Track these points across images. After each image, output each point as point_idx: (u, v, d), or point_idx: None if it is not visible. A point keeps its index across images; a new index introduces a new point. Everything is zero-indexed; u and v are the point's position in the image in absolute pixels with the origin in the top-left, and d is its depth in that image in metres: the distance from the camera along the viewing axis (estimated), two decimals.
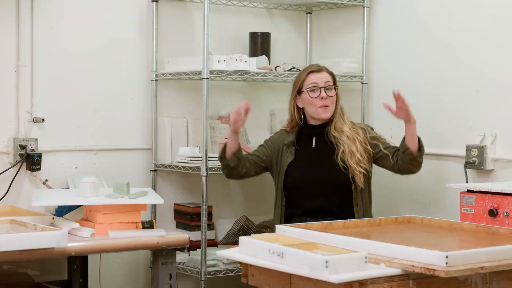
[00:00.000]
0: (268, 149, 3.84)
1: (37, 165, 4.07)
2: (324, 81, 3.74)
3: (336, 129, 3.72)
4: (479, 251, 2.46)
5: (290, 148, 3.75)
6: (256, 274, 2.69)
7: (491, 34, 4.03)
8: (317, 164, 3.70)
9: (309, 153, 3.75)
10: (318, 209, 3.65)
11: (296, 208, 3.72)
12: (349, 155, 3.65)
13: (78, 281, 3.76)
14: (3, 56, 4.10)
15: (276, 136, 3.88)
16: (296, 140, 3.78)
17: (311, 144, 3.76)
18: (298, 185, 3.71)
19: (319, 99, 3.70)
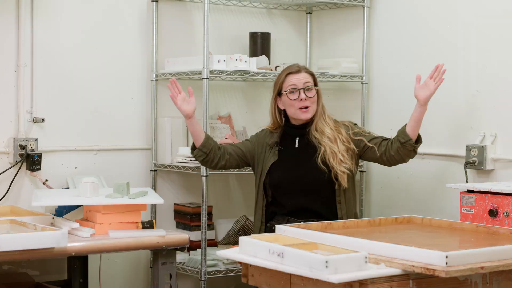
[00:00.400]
0: (252, 145, 3.82)
1: (37, 165, 4.08)
2: (303, 82, 3.70)
3: (317, 129, 3.70)
4: (479, 251, 2.46)
5: (273, 148, 3.74)
6: (256, 274, 2.69)
7: (491, 34, 4.03)
8: (300, 164, 3.69)
9: (292, 153, 3.73)
10: (301, 208, 3.64)
11: (279, 207, 3.70)
12: (331, 155, 3.62)
13: (78, 281, 3.76)
14: (3, 56, 4.10)
15: (261, 134, 3.85)
16: (280, 140, 3.77)
17: (294, 144, 3.74)
18: (280, 185, 3.69)
19: (298, 100, 3.67)
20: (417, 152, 3.72)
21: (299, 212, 3.64)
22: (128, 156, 4.47)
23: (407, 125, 3.67)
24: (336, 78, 4.59)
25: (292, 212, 3.64)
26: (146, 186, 4.40)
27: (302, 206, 3.64)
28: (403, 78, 4.47)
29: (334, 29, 4.90)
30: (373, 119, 4.65)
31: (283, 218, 3.63)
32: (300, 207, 3.64)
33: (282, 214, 3.67)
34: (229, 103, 4.75)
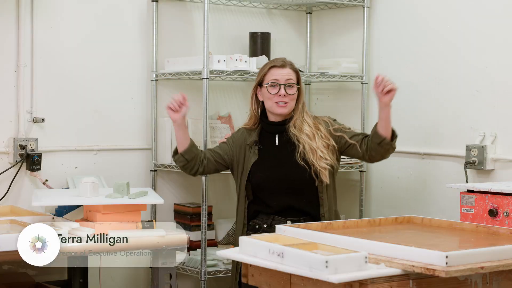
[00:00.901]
0: (229, 147, 3.75)
1: (37, 165, 4.08)
2: (286, 78, 3.63)
3: (296, 126, 3.64)
4: (479, 251, 2.46)
5: (253, 148, 3.67)
6: (256, 274, 2.69)
7: (491, 34, 4.03)
8: (281, 162, 3.63)
9: (272, 151, 3.67)
10: (286, 207, 3.59)
11: (263, 206, 3.63)
12: (310, 152, 3.58)
13: (78, 281, 3.75)
14: (3, 56, 4.10)
15: (237, 134, 3.78)
16: (258, 138, 3.70)
17: (274, 142, 3.68)
18: (264, 185, 3.62)
19: (277, 95, 3.61)
20: (395, 146, 3.66)
21: (285, 210, 3.59)
22: (128, 156, 4.46)
23: (377, 125, 3.61)
24: (336, 78, 4.59)
25: (277, 211, 3.59)
26: (146, 186, 4.40)
27: (288, 205, 3.59)
28: (403, 78, 4.47)
29: (334, 29, 4.90)
30: (373, 119, 4.64)
31: (268, 217, 3.58)
32: (286, 206, 3.59)
33: (267, 213, 3.61)
34: (229, 103, 4.75)
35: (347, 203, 4.80)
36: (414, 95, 4.41)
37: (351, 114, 4.77)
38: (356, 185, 4.70)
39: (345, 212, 4.77)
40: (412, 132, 4.42)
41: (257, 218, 3.62)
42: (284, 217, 3.55)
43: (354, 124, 4.72)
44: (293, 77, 3.65)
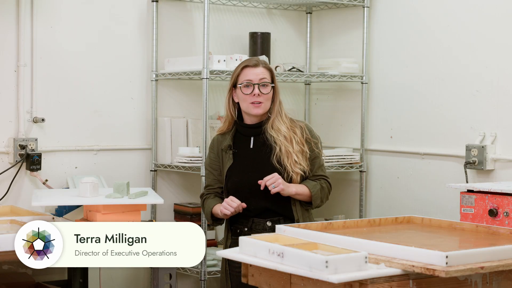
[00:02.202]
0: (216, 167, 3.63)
1: (37, 165, 4.08)
2: (259, 78, 3.52)
3: (273, 127, 3.54)
4: (479, 251, 2.46)
5: (228, 152, 3.58)
6: (256, 274, 2.68)
7: (491, 34, 4.03)
8: (256, 165, 3.53)
9: (247, 154, 3.57)
10: (264, 210, 3.51)
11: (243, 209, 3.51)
12: (286, 155, 3.50)
13: (78, 281, 3.76)
14: (3, 56, 4.10)
15: (213, 144, 3.66)
16: (232, 142, 3.59)
17: (249, 144, 3.57)
18: (240, 189, 3.52)
19: (251, 95, 3.50)
20: (318, 203, 3.54)
21: (263, 213, 3.51)
22: (128, 156, 4.47)
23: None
24: (336, 78, 4.59)
25: (256, 214, 3.51)
26: (146, 186, 4.40)
27: (265, 208, 3.51)
28: (403, 78, 4.47)
29: (334, 29, 4.90)
30: (373, 119, 4.65)
31: (247, 220, 3.51)
32: (263, 209, 3.51)
33: (246, 216, 3.52)
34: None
35: (347, 203, 4.80)
36: (414, 95, 4.41)
37: (351, 114, 4.77)
38: (356, 185, 4.70)
39: (345, 212, 4.77)
40: (412, 132, 4.42)
41: (237, 222, 3.54)
42: (263, 218, 3.49)
43: (354, 124, 4.73)
44: (267, 76, 3.54)
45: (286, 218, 3.51)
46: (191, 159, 4.22)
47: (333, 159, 4.54)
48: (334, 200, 4.84)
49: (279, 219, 3.49)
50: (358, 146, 4.66)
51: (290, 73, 4.45)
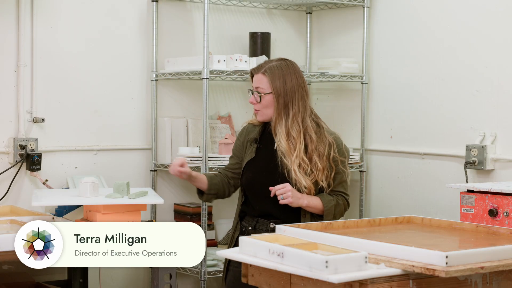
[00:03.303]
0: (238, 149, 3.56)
1: (37, 165, 4.08)
2: (255, 86, 3.42)
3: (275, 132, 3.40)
4: (479, 251, 2.46)
5: (252, 145, 3.48)
6: (256, 274, 2.68)
7: (491, 34, 4.03)
8: (274, 167, 3.41)
9: (269, 154, 3.44)
10: (267, 214, 3.43)
11: (249, 208, 3.49)
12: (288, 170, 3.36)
13: (78, 281, 3.76)
14: (3, 56, 4.10)
15: (242, 133, 3.56)
16: (259, 137, 3.49)
17: (273, 144, 3.44)
18: (252, 185, 3.46)
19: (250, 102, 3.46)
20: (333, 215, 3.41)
21: (267, 216, 3.44)
22: (128, 156, 4.47)
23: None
24: (336, 78, 4.59)
25: (261, 215, 3.45)
26: (146, 186, 4.40)
27: (269, 213, 3.43)
28: (403, 78, 4.47)
29: (334, 29, 4.90)
30: (373, 119, 4.66)
31: (252, 219, 3.46)
32: (267, 213, 3.44)
33: (252, 215, 3.48)
34: (229, 103, 4.75)
35: None
36: (414, 95, 4.41)
37: (351, 114, 4.78)
38: (356, 185, 4.70)
39: (345, 212, 4.76)
40: (412, 132, 4.42)
41: (244, 219, 3.50)
42: (267, 219, 3.43)
43: (354, 124, 4.73)
44: (262, 84, 3.40)
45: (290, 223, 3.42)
46: (191, 159, 4.22)
47: None
48: None
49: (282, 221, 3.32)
50: (358, 146, 4.66)
51: None
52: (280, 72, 3.42)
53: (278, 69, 3.42)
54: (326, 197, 3.38)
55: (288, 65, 3.46)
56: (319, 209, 3.38)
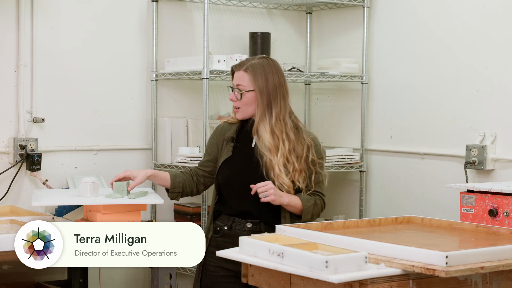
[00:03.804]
0: (212, 147, 3.54)
1: (37, 165, 4.08)
2: (236, 83, 3.40)
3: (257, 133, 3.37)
4: (479, 251, 2.46)
5: (229, 143, 3.45)
6: (256, 274, 2.69)
7: (491, 34, 4.03)
8: (251, 166, 3.38)
9: (246, 152, 3.42)
10: (246, 212, 3.41)
11: (225, 207, 3.46)
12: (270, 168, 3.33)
13: (78, 281, 3.76)
14: (3, 56, 4.10)
15: (217, 132, 3.54)
16: (236, 136, 3.47)
17: (250, 143, 3.42)
18: (228, 184, 3.42)
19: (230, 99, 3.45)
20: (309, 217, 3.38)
21: (244, 214, 3.42)
22: (128, 156, 4.47)
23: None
24: (336, 78, 4.59)
25: (237, 214, 3.42)
26: (146, 186, 4.39)
27: (247, 211, 3.40)
28: (403, 78, 4.47)
29: (334, 29, 4.90)
30: (373, 119, 4.65)
31: (228, 218, 3.43)
32: (245, 211, 3.41)
33: (228, 214, 3.44)
34: (229, 103, 4.73)
35: (347, 203, 4.80)
36: (414, 95, 4.41)
37: (351, 114, 4.77)
38: (356, 185, 4.70)
39: (345, 212, 4.77)
40: (412, 132, 4.42)
41: (219, 218, 3.46)
42: (244, 219, 3.40)
43: (354, 124, 4.73)
44: (243, 81, 3.38)
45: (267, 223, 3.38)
46: (191, 159, 4.22)
47: (333, 159, 4.54)
48: (334, 200, 4.84)
49: (260, 221, 3.39)
50: (358, 146, 4.66)
51: (290, 73, 4.45)
52: (262, 70, 3.39)
53: (260, 67, 3.39)
54: (305, 196, 3.37)
55: (270, 63, 3.43)
56: (299, 209, 3.36)
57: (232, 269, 3.31)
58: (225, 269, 3.35)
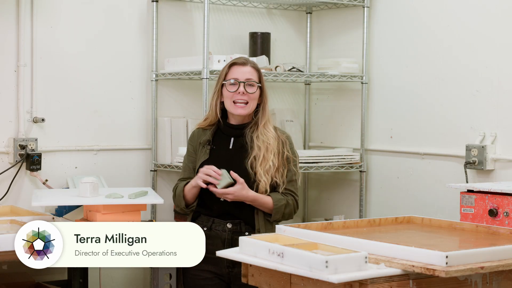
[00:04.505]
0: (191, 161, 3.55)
1: (37, 165, 4.08)
2: (246, 77, 3.43)
3: (255, 132, 3.44)
4: (479, 251, 2.46)
5: (205, 147, 3.48)
6: (256, 274, 2.69)
7: (491, 34, 4.03)
8: (230, 167, 3.39)
9: (224, 154, 3.47)
10: (224, 212, 3.43)
11: (204, 208, 3.47)
12: (260, 161, 3.39)
13: (78, 281, 3.76)
14: (3, 56, 4.10)
15: (193, 138, 3.56)
16: (212, 139, 3.50)
17: (228, 144, 3.48)
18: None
19: (236, 93, 3.41)
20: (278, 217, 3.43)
21: (224, 215, 3.44)
22: (128, 156, 4.47)
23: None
24: (336, 78, 4.59)
25: (217, 215, 3.44)
26: (146, 186, 4.40)
27: (227, 211, 3.43)
28: (403, 78, 4.47)
29: (334, 29, 4.90)
30: (373, 119, 4.65)
31: (207, 219, 3.44)
32: (225, 212, 3.43)
33: (207, 215, 3.46)
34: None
35: (347, 203, 4.80)
36: (414, 95, 4.41)
37: (351, 114, 4.77)
38: (356, 185, 4.70)
39: (345, 212, 4.77)
40: (412, 132, 4.42)
41: (197, 220, 3.46)
42: (224, 220, 3.42)
43: (354, 124, 4.73)
44: (254, 76, 3.45)
45: (247, 224, 3.42)
46: None
47: (333, 159, 4.54)
48: (334, 200, 4.84)
49: (240, 221, 3.41)
50: (358, 146, 4.66)
51: (290, 73, 4.45)
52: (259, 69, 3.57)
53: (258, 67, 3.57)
54: (276, 196, 3.42)
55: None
56: (268, 207, 3.40)
57: (213, 271, 3.37)
58: (207, 271, 3.37)
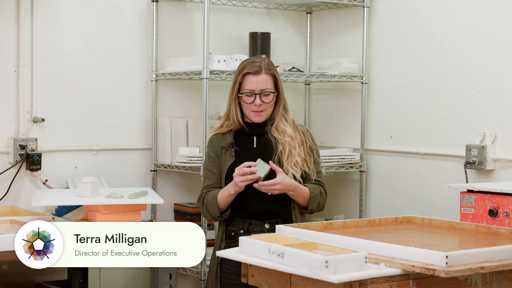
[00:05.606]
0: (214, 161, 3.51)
1: (37, 165, 4.08)
2: (260, 88, 3.40)
3: (278, 129, 3.45)
4: (479, 251, 2.46)
5: (229, 150, 3.47)
6: (256, 274, 2.69)
7: (491, 34, 4.03)
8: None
9: (250, 154, 3.45)
10: (263, 212, 3.43)
11: (239, 211, 3.45)
12: (287, 156, 3.41)
13: (78, 281, 3.76)
14: (3, 56, 4.10)
15: (212, 143, 3.53)
16: (234, 141, 3.49)
17: (252, 144, 3.48)
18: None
19: (253, 104, 3.41)
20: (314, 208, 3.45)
21: (261, 215, 3.43)
22: (128, 156, 4.47)
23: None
24: (336, 78, 4.59)
25: (254, 216, 3.43)
26: (146, 186, 4.40)
27: (265, 210, 3.42)
28: (403, 78, 4.47)
29: (334, 29, 4.90)
30: (373, 119, 4.65)
31: (244, 222, 3.43)
32: (263, 211, 3.43)
33: (243, 218, 3.44)
34: None
35: (347, 203, 4.80)
36: (414, 95, 4.41)
37: (351, 114, 4.78)
38: (356, 185, 4.70)
39: (345, 212, 4.77)
40: (412, 132, 4.42)
41: (232, 223, 3.46)
42: (261, 220, 3.42)
43: (354, 124, 4.73)
44: (268, 84, 3.42)
45: (284, 221, 3.40)
46: (191, 159, 4.22)
47: (333, 159, 4.54)
48: (334, 200, 4.84)
49: (278, 221, 3.39)
50: (358, 146, 4.66)
51: (290, 73, 4.45)
52: (275, 70, 3.51)
53: (273, 67, 3.51)
54: (311, 185, 3.46)
55: (271, 62, 3.54)
56: (305, 197, 3.41)
57: None
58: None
